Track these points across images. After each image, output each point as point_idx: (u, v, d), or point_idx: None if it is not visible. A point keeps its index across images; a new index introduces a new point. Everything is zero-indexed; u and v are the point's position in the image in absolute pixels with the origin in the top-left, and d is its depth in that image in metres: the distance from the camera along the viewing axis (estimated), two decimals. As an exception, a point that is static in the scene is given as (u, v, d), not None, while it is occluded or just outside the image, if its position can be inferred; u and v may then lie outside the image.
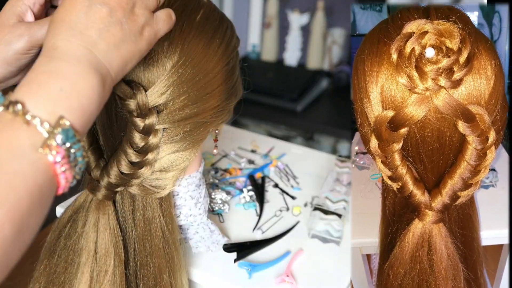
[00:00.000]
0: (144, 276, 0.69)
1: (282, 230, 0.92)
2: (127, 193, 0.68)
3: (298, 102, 2.07)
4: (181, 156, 0.70)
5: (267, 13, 2.31)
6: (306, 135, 2.17)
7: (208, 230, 0.84)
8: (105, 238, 0.63)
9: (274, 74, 2.23)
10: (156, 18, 0.57)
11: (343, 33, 2.20)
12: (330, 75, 2.20)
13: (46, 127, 0.45)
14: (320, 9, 2.20)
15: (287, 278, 0.80)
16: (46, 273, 0.62)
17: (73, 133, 0.46)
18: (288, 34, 2.27)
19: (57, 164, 0.45)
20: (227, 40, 0.71)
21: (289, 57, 2.29)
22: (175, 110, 0.65)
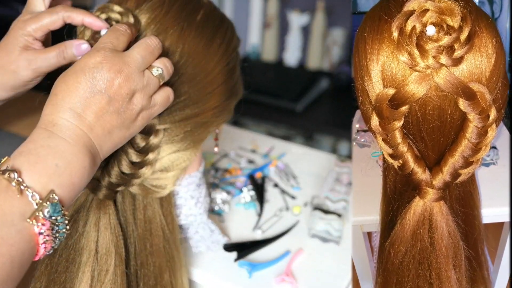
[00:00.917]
0: (144, 276, 0.69)
1: (282, 229, 0.92)
2: (128, 192, 0.68)
3: (298, 102, 2.07)
4: (182, 156, 0.70)
5: (267, 13, 2.31)
6: (306, 135, 2.17)
7: (208, 229, 0.84)
8: (106, 238, 0.64)
9: (274, 74, 2.23)
10: (154, 101, 0.60)
11: (343, 33, 2.20)
12: (330, 75, 2.20)
13: (36, 199, 0.48)
14: (320, 9, 2.20)
15: (287, 277, 0.80)
16: (47, 272, 0.63)
17: (60, 207, 0.50)
18: (288, 34, 2.28)
19: (40, 235, 0.48)
20: (227, 40, 0.71)
21: (289, 57, 2.29)
22: (175, 110, 0.65)
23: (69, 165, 0.51)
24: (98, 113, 0.54)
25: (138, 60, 0.58)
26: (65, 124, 0.52)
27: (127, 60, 0.57)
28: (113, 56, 0.56)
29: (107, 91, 0.55)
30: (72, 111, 0.53)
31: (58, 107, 0.53)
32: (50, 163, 0.50)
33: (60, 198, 0.50)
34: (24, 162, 0.49)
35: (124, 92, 0.56)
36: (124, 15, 0.63)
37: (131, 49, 0.58)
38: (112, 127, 0.56)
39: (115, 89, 0.55)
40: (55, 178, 0.50)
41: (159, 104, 0.60)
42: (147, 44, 0.59)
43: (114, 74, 0.55)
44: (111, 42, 0.58)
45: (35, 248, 0.48)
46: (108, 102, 0.55)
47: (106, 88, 0.55)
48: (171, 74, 0.61)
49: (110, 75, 0.55)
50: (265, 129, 2.21)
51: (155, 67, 0.59)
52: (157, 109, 0.61)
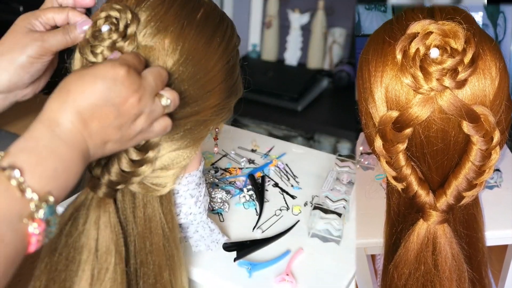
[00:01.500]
0: (144, 274, 0.69)
1: (282, 229, 0.92)
2: (128, 191, 0.68)
3: (299, 101, 2.07)
4: (182, 154, 0.70)
5: (267, 12, 2.31)
6: (307, 135, 2.17)
7: (208, 229, 0.84)
8: (106, 236, 0.64)
9: (275, 73, 2.23)
10: (152, 127, 0.61)
11: (344, 33, 2.20)
12: (330, 74, 2.20)
13: (35, 200, 0.49)
14: (320, 8, 2.20)
15: (287, 277, 0.80)
16: (47, 271, 0.63)
17: (54, 209, 0.51)
18: (289, 33, 2.27)
19: (34, 235, 0.49)
20: (227, 39, 0.71)
21: (290, 56, 2.29)
22: (176, 108, 0.65)
23: (66, 169, 0.52)
24: (102, 124, 0.55)
25: (153, 86, 0.59)
26: (69, 128, 0.52)
27: (144, 83, 0.58)
28: (136, 76, 0.57)
29: (119, 106, 0.55)
30: (80, 115, 0.53)
31: (66, 106, 0.53)
32: (50, 166, 0.50)
33: (55, 199, 0.51)
34: (26, 161, 0.49)
35: (133, 112, 0.57)
36: (122, 12, 0.63)
37: (147, 73, 0.59)
38: (110, 140, 0.57)
39: (126, 107, 0.56)
40: (53, 181, 0.50)
41: (156, 131, 0.62)
42: (160, 73, 0.61)
43: (131, 93, 0.56)
44: (133, 62, 0.59)
45: (27, 246, 0.49)
46: (116, 116, 0.56)
47: (119, 103, 0.55)
48: (176, 107, 0.63)
49: (127, 92, 0.56)
50: (265, 129, 2.21)
51: (165, 97, 0.60)
52: (152, 135, 0.63)
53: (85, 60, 0.65)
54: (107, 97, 0.54)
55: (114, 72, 0.55)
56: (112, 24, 0.63)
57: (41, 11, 0.67)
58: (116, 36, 0.63)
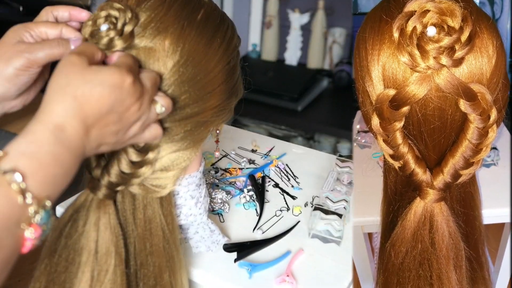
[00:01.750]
0: (144, 276, 0.69)
1: (282, 230, 0.92)
2: (128, 192, 0.68)
3: (299, 101, 2.07)
4: (182, 155, 0.70)
5: (267, 12, 2.31)
6: (307, 135, 2.17)
7: (208, 229, 0.84)
8: (105, 237, 0.63)
9: (275, 73, 2.23)
10: (143, 134, 0.61)
11: (344, 33, 2.20)
12: (330, 74, 2.20)
13: (34, 205, 0.48)
14: (320, 8, 2.20)
15: (288, 278, 0.80)
16: (47, 272, 0.62)
17: (50, 213, 0.50)
18: (289, 33, 2.27)
19: (29, 239, 0.49)
20: (228, 40, 0.71)
21: (290, 56, 2.29)
22: (176, 109, 0.65)
23: (65, 175, 0.52)
24: (102, 130, 0.55)
25: (150, 92, 0.59)
26: (73, 134, 0.52)
27: (144, 91, 0.58)
28: (139, 84, 0.57)
29: (121, 114, 0.56)
30: (84, 123, 0.53)
31: (73, 113, 0.52)
32: (51, 173, 0.50)
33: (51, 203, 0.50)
34: (27, 166, 0.49)
35: (133, 119, 0.57)
36: (122, 12, 0.63)
37: (145, 79, 0.59)
38: (105, 143, 0.57)
39: (127, 115, 0.56)
40: (51, 186, 0.50)
41: (146, 138, 0.62)
42: (155, 78, 0.61)
43: (133, 101, 0.56)
44: (135, 69, 0.59)
45: (20, 249, 0.49)
46: (116, 123, 0.56)
47: (121, 111, 0.55)
48: (168, 113, 0.63)
49: (131, 101, 0.56)
50: (266, 129, 2.21)
51: (159, 104, 0.60)
52: (141, 141, 0.63)
53: None
54: (113, 105, 0.54)
55: (121, 80, 0.55)
56: (111, 23, 0.63)
57: (34, 24, 0.65)
58: (114, 33, 0.62)
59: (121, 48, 0.62)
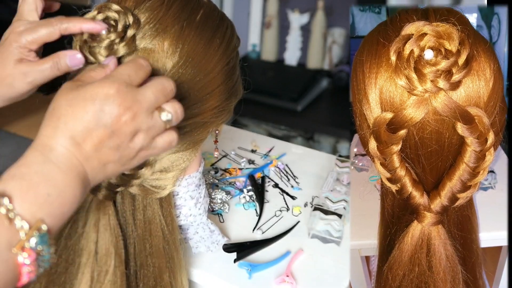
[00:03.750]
0: (144, 276, 0.69)
1: (282, 230, 0.92)
2: (128, 193, 0.68)
3: (298, 102, 2.07)
4: (181, 156, 0.70)
5: (267, 12, 2.31)
6: (306, 135, 2.17)
7: (208, 230, 0.84)
8: (105, 238, 0.64)
9: (274, 74, 2.23)
10: (155, 143, 0.57)
11: (343, 33, 2.20)
12: (330, 74, 2.20)
13: (25, 228, 0.46)
14: (320, 8, 2.20)
15: (287, 278, 0.80)
16: (47, 273, 0.62)
17: (47, 238, 0.48)
18: (288, 33, 2.28)
19: (25, 265, 0.47)
20: (227, 40, 0.71)
21: (289, 56, 2.29)
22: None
23: (60, 194, 0.50)
24: (97, 146, 0.53)
25: (151, 100, 0.55)
26: (62, 152, 0.51)
27: (140, 99, 0.55)
28: (127, 92, 0.54)
29: (112, 126, 0.53)
30: (72, 139, 0.51)
31: (58, 131, 0.51)
32: (42, 192, 0.48)
33: (49, 227, 0.48)
34: (16, 187, 0.47)
35: (128, 130, 0.54)
36: (122, 14, 0.63)
37: (146, 87, 0.56)
38: (108, 161, 0.54)
39: (120, 125, 0.53)
40: (45, 207, 0.48)
41: (159, 147, 0.58)
42: (164, 86, 0.57)
43: (123, 110, 0.53)
44: (128, 75, 0.56)
45: (18, 276, 0.47)
46: (110, 136, 0.53)
47: (111, 123, 0.53)
48: (180, 120, 0.59)
49: (119, 111, 0.53)
50: (265, 129, 2.21)
51: (165, 111, 0.57)
52: (156, 152, 0.59)
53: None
54: (99, 119, 0.52)
55: (103, 92, 0.52)
56: (111, 26, 0.63)
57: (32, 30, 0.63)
58: (114, 36, 0.62)
59: (123, 54, 0.62)
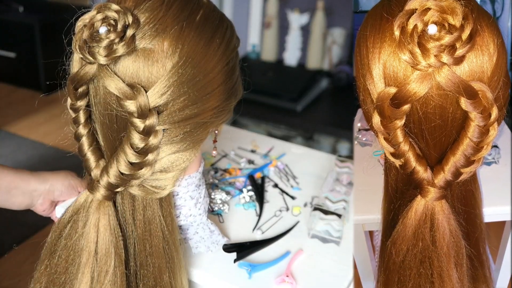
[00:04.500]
0: (144, 276, 0.69)
1: (282, 230, 0.92)
2: (127, 193, 0.68)
3: (298, 102, 2.07)
4: (181, 156, 0.70)
5: (267, 13, 2.31)
6: (306, 135, 2.17)
7: (208, 230, 0.84)
8: (105, 239, 0.64)
9: (274, 74, 2.23)
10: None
11: (343, 33, 2.20)
12: (330, 75, 2.21)
13: None
14: (320, 9, 2.20)
15: (287, 278, 0.80)
16: (47, 273, 0.63)
17: None
18: (288, 34, 2.28)
19: None
20: (227, 40, 0.71)
21: (289, 57, 2.29)
22: (175, 110, 0.65)
23: None
24: None
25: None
26: None
27: None
28: None
29: None
30: None
31: None
32: None
33: None
34: None
35: None
36: (121, 14, 0.63)
37: None
38: None
39: None
40: None
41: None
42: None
43: None
44: None
45: None
46: None
47: None
48: None
49: None
50: (265, 129, 2.21)
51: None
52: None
53: (84, 61, 0.64)
54: None
55: None
56: (110, 26, 0.63)
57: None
58: (114, 36, 0.62)
59: (123, 53, 0.62)
